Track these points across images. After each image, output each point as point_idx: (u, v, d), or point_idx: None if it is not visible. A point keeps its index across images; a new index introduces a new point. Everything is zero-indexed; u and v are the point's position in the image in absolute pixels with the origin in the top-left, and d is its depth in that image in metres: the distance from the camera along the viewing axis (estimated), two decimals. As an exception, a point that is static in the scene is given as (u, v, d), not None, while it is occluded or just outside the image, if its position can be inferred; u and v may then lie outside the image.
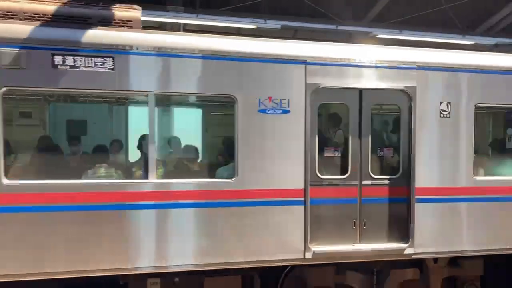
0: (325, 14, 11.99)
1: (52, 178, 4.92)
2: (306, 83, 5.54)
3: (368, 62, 5.78)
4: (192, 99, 6.04)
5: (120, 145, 5.91)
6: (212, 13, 11.23)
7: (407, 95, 5.89)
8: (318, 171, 5.67)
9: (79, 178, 5.11)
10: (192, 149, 5.97)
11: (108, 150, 5.70)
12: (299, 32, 12.59)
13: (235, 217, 5.40)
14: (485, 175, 6.43)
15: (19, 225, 4.76)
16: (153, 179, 5.15)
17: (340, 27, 12.40)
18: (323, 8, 11.95)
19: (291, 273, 6.04)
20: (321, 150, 5.72)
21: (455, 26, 13.07)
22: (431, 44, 10.95)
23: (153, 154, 5.14)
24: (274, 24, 11.81)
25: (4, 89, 4.68)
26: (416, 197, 5.89)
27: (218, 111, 6.36)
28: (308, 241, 5.59)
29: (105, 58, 4.94)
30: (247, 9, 11.52)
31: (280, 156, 5.50)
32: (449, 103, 6.03)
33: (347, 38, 12.54)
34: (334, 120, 6.18)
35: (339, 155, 5.88)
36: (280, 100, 5.47)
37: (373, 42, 11.20)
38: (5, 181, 4.71)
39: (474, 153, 6.15)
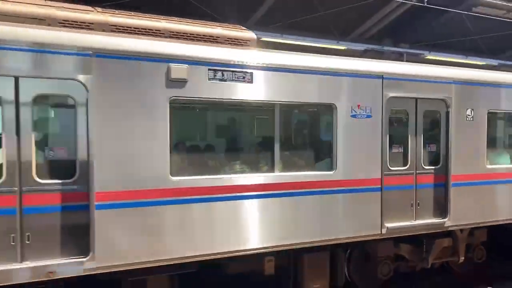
0: (210, 15, 11.32)
1: (207, 174, 5.95)
2: (383, 94, 7.05)
3: (420, 78, 7.43)
4: (305, 107, 7.17)
5: (251, 146, 7.01)
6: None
7: (446, 103, 7.64)
8: (389, 164, 7.19)
9: (223, 173, 6.13)
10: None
11: (242, 151, 6.86)
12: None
13: (333, 203, 6.72)
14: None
15: (179, 213, 5.66)
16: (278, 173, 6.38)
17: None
18: (209, 8, 11.83)
19: (356, 248, 7.48)
20: (390, 147, 7.24)
21: (331, 32, 14.13)
22: (309, 48, 11.61)
23: (278, 152, 6.34)
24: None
25: (172, 97, 5.59)
26: (452, 182, 7.65)
27: (320, 116, 7.44)
28: (383, 220, 7.08)
29: (245, 73, 6.01)
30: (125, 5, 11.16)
31: (365, 152, 6.95)
32: (472, 109, 7.93)
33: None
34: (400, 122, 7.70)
35: (402, 151, 7.43)
36: (365, 107, 6.90)
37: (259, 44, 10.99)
38: (172, 178, 5.60)
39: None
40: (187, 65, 5.64)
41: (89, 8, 5.78)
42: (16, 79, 4.88)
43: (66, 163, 5.21)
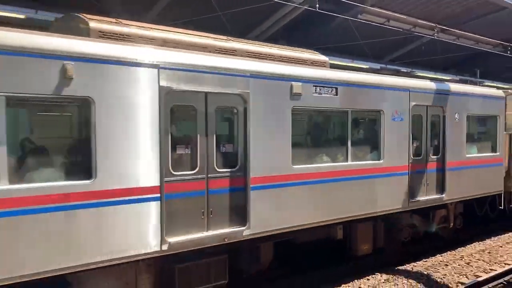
0: (105, 10, 10.76)
1: (314, 163, 8.13)
2: (409, 102, 9.46)
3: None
4: (363, 113, 9.09)
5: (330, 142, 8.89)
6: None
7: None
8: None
9: (322, 162, 8.26)
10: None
11: (330, 145, 8.66)
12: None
13: (379, 184, 8.85)
14: None
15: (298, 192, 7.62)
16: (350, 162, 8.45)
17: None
18: (101, 4, 11.59)
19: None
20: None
21: (228, 33, 14.57)
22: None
23: (350, 146, 8.39)
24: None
25: (293, 107, 7.55)
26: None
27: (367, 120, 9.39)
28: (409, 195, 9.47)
29: (333, 88, 8.10)
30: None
31: (399, 146, 9.23)
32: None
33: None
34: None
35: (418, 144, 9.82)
36: (400, 112, 9.18)
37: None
38: (294, 167, 7.54)
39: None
40: (301, 83, 7.60)
41: (224, 37, 7.80)
42: (206, 95, 6.47)
43: (232, 156, 6.84)
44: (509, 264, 9.58)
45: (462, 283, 8.52)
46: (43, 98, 5.27)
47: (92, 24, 6.11)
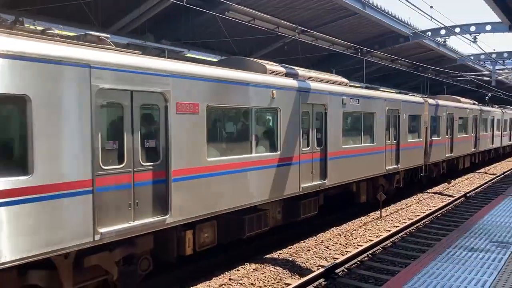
0: None
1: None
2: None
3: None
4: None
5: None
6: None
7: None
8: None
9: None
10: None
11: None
12: None
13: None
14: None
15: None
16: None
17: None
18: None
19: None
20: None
21: (91, 23, 13.54)
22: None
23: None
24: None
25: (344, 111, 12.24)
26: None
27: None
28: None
29: (356, 99, 12.90)
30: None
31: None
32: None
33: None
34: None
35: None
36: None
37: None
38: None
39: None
40: (344, 97, 12.33)
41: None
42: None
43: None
44: (361, 246, 10.63)
45: (322, 266, 9.22)
46: None
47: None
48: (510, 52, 29.28)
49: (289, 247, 10.64)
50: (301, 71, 11.49)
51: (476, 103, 26.62)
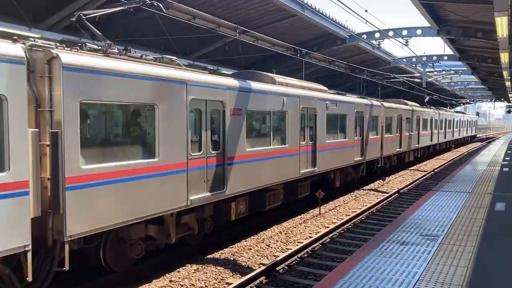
0: None
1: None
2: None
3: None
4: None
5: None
6: None
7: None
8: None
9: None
10: None
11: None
12: None
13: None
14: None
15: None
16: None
17: None
18: None
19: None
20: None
21: (21, 17, 13.23)
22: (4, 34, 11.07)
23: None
24: None
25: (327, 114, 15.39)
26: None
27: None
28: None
29: (335, 104, 15.74)
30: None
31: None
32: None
33: None
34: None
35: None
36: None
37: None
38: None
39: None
40: (327, 102, 15.16)
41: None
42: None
43: None
44: (301, 242, 10.86)
45: (263, 264, 9.33)
46: None
47: None
48: (439, 56, 31.06)
49: (231, 246, 10.67)
50: (297, 82, 14.38)
51: (418, 105, 29.88)
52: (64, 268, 6.47)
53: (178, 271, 9.00)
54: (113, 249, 7.90)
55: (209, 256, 9.92)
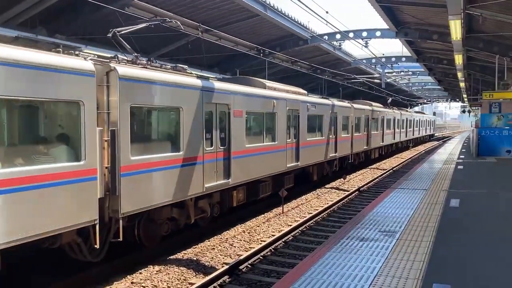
0: None
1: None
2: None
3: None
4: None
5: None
6: None
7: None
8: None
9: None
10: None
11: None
12: None
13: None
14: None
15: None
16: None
17: None
18: None
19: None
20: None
21: None
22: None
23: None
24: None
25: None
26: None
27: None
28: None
29: (314, 105, 17.51)
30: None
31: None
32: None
33: None
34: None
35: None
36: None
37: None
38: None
39: None
40: (308, 104, 17.11)
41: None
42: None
43: None
44: (265, 241, 10.94)
45: (226, 263, 9.34)
46: None
47: None
48: (398, 57, 31.95)
49: (194, 246, 10.62)
50: (282, 86, 15.98)
51: (382, 106, 31.62)
52: (119, 239, 8.13)
53: (140, 273, 8.88)
54: (146, 227, 9.42)
55: (172, 257, 9.84)
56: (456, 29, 12.95)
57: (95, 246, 7.69)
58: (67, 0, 14.03)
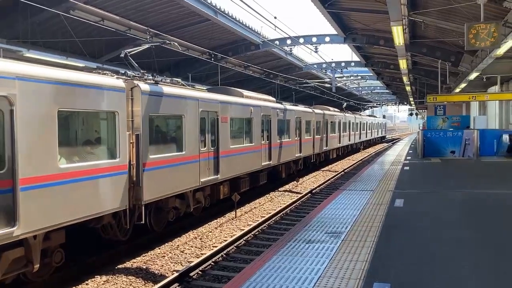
0: None
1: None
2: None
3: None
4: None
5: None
6: None
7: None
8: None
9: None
10: None
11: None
12: None
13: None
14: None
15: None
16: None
17: None
18: None
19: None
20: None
21: None
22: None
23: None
24: None
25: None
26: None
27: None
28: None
29: (282, 111, 20.42)
30: None
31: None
32: None
33: None
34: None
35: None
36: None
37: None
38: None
39: None
40: (278, 110, 19.82)
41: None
42: None
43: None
44: (216, 247, 10.90)
45: (177, 271, 9.23)
46: None
47: None
48: (347, 62, 32.78)
49: (143, 255, 10.43)
50: (256, 94, 18.48)
51: (339, 110, 34.27)
52: (141, 222, 9.99)
53: (87, 283, 8.62)
54: (155, 214, 11.22)
55: (120, 266, 9.61)
56: (398, 34, 13.44)
57: (126, 226, 9.70)
58: (8, 1, 13.47)
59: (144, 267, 9.59)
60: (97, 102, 8.67)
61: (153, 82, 11.07)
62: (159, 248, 10.95)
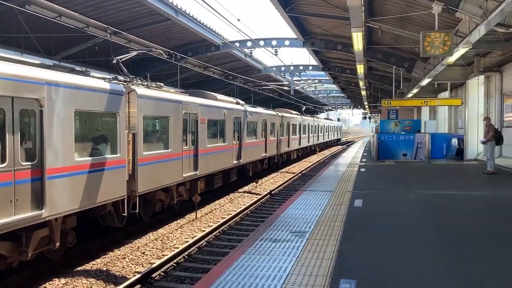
0: None
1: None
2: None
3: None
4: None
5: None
6: None
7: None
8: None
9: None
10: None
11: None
12: None
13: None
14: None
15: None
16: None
17: None
18: None
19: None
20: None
21: None
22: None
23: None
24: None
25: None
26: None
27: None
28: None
29: (251, 114, 22.56)
30: None
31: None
32: None
33: None
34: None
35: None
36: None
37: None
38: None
39: None
40: (247, 112, 21.58)
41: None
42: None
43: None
44: (178, 248, 10.82)
45: (138, 272, 9.09)
46: None
47: None
48: (305, 66, 33.33)
49: (103, 257, 10.20)
50: (227, 98, 19.71)
51: (299, 113, 36.17)
52: (136, 211, 11.26)
53: (45, 287, 8.34)
54: (144, 206, 12.19)
55: (78, 268, 9.36)
56: (358, 40, 13.85)
57: (123, 214, 10.88)
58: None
59: (105, 269, 9.38)
60: (103, 104, 9.95)
61: (145, 86, 12.36)
62: (119, 250, 10.74)
